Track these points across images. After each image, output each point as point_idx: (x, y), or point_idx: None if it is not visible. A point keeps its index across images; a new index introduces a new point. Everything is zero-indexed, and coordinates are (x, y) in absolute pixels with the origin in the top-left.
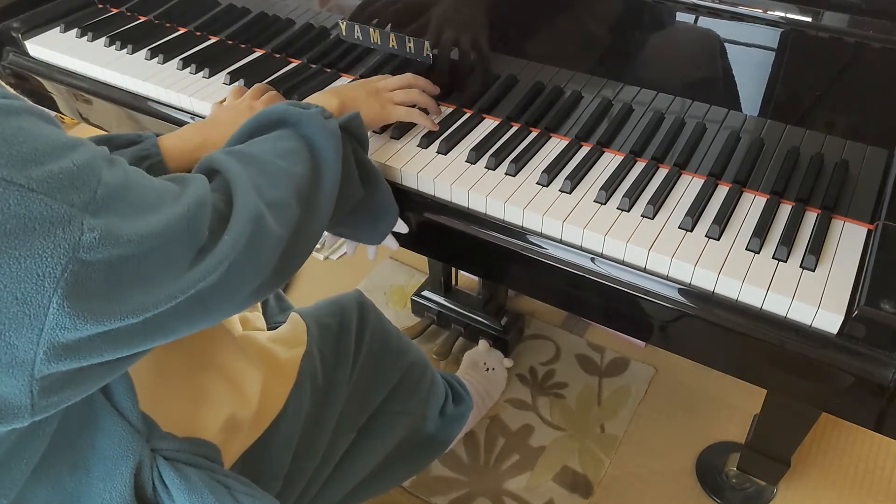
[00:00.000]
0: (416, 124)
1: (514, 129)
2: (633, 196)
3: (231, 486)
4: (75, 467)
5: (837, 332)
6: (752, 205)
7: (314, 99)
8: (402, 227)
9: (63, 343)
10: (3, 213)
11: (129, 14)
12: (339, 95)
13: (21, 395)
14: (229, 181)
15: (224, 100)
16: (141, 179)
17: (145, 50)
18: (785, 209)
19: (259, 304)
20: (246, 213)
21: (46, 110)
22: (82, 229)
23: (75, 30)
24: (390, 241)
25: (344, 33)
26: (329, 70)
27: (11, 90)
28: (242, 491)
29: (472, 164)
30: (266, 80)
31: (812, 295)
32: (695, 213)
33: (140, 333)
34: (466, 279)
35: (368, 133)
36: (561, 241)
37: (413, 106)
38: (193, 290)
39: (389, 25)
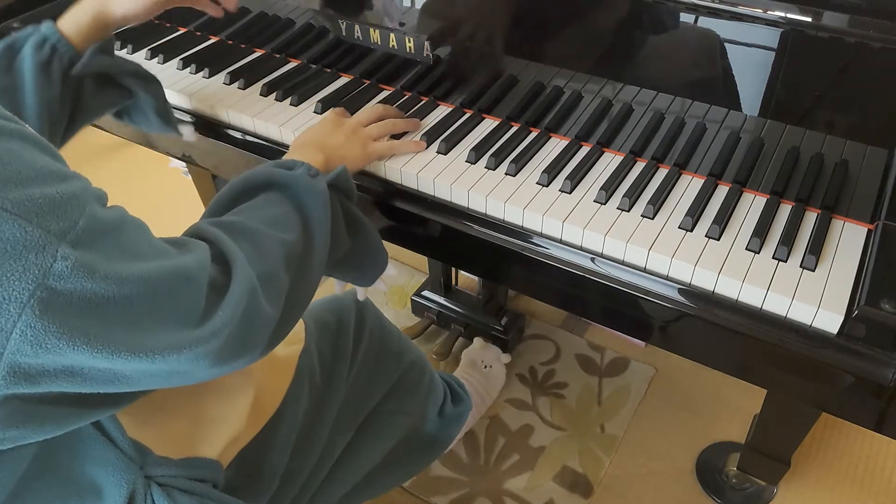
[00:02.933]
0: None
1: (514, 129)
2: (633, 196)
3: None
4: (67, 497)
5: (837, 332)
6: (752, 205)
7: (298, 154)
8: (390, 270)
9: (24, 368)
10: None
11: None
12: (321, 149)
13: None
14: (225, 256)
15: None
16: (137, 231)
17: (145, 50)
18: (785, 209)
19: None
20: (242, 286)
21: (46, 142)
22: (55, 256)
23: None
24: (380, 284)
25: (344, 33)
26: (329, 70)
27: (10, 114)
28: None
29: (472, 164)
30: (266, 80)
31: (812, 295)
32: (695, 213)
33: (105, 378)
34: (466, 279)
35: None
36: (561, 241)
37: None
38: (179, 353)
39: (390, 25)
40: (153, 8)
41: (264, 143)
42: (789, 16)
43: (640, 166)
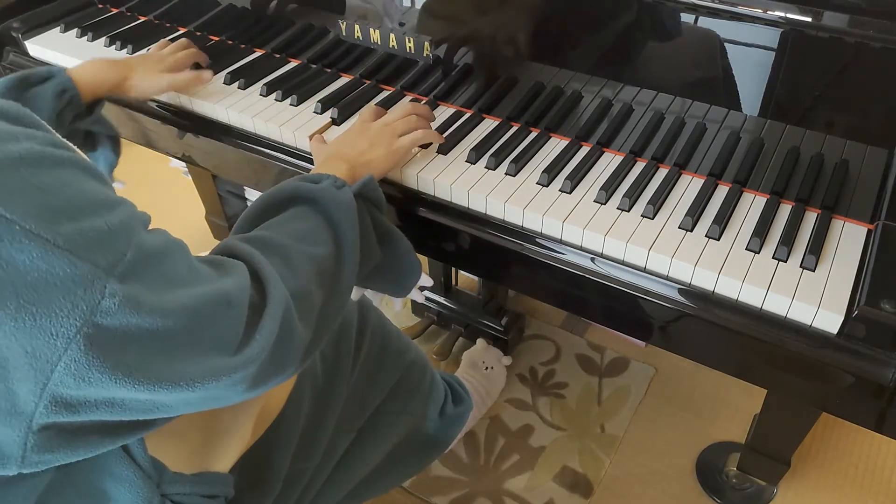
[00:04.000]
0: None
1: (514, 129)
2: (633, 196)
3: None
4: None
5: (837, 332)
6: (752, 205)
7: (322, 167)
8: (426, 280)
9: (65, 399)
10: (24, 266)
11: (129, 14)
12: (345, 159)
13: (14, 446)
14: (259, 273)
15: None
16: (178, 255)
17: (145, 50)
18: (785, 209)
19: None
20: (278, 309)
21: (93, 165)
22: (104, 293)
23: (75, 30)
24: (416, 294)
25: (344, 33)
26: (329, 70)
27: (63, 140)
28: None
29: (472, 164)
30: (266, 80)
31: (812, 295)
32: (695, 212)
33: (144, 407)
34: (466, 279)
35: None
36: (561, 241)
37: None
38: (219, 380)
39: (390, 25)
40: (160, 94)
41: (264, 143)
42: (789, 16)
43: (640, 166)
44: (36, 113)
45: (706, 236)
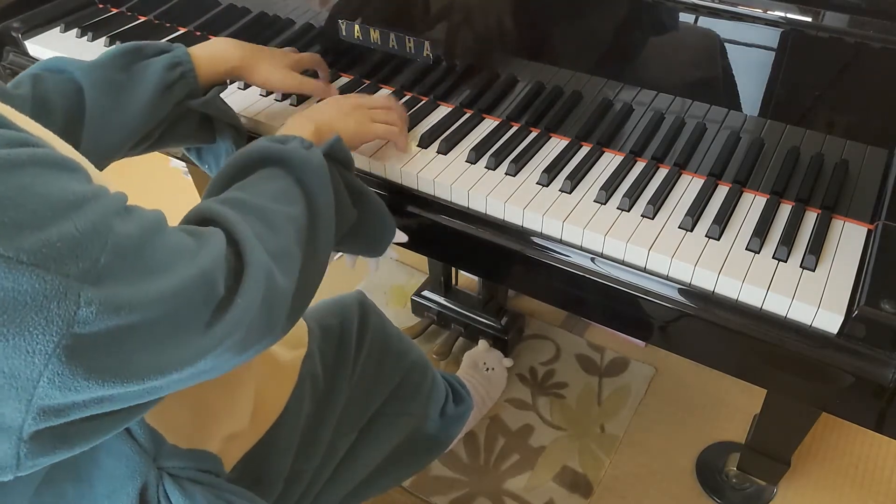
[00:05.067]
0: (414, 126)
1: (514, 129)
2: (633, 196)
3: (233, 502)
4: (78, 480)
5: (837, 332)
6: (752, 205)
7: (288, 128)
8: (401, 237)
9: (53, 407)
10: None
11: (129, 14)
12: (311, 120)
13: (7, 458)
14: (235, 236)
15: None
16: (155, 236)
17: None
18: (785, 209)
19: None
20: (258, 271)
21: (61, 156)
22: (79, 303)
23: (75, 30)
24: (390, 252)
25: (344, 33)
26: (329, 70)
27: (25, 134)
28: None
29: (472, 164)
30: None
31: (812, 295)
32: (695, 212)
33: (136, 396)
34: (466, 279)
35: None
36: (561, 241)
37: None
38: (206, 356)
39: (390, 25)
40: (284, 90)
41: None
42: (789, 16)
43: (640, 166)
44: (139, 86)
45: (706, 236)
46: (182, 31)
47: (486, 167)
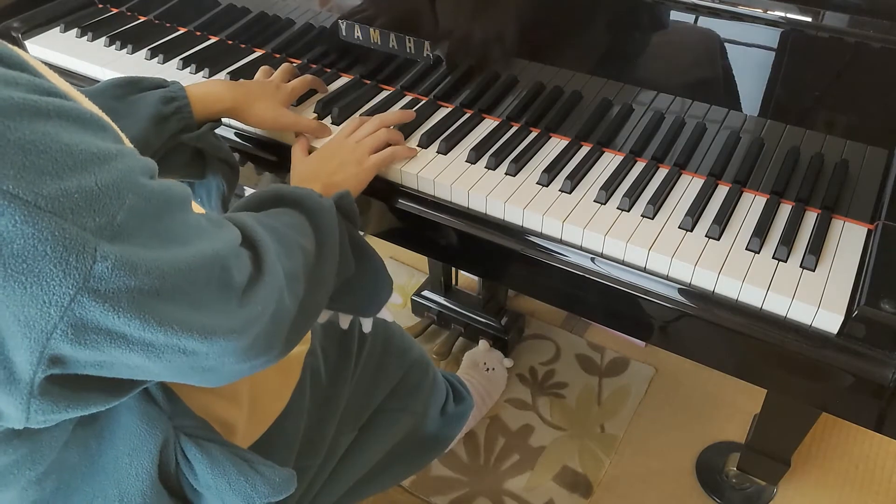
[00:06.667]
0: (414, 126)
1: (514, 129)
2: (633, 196)
3: (251, 460)
4: (101, 437)
5: (837, 332)
6: (752, 205)
7: (295, 185)
8: (387, 315)
9: (64, 361)
10: (7, 232)
11: (129, 14)
12: (317, 178)
13: (16, 411)
14: (258, 246)
15: None
16: (176, 208)
17: (145, 50)
18: (785, 209)
19: None
20: (275, 279)
21: (89, 111)
22: (95, 257)
23: (75, 30)
24: (385, 314)
25: (344, 33)
26: (329, 70)
27: (56, 78)
28: (263, 463)
29: (472, 164)
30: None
31: (812, 295)
32: (695, 212)
33: (133, 372)
34: (466, 279)
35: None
36: (561, 241)
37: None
38: (209, 341)
39: (390, 25)
40: (279, 129)
41: (264, 143)
42: (789, 16)
43: (640, 166)
44: (134, 115)
45: (706, 236)
46: (182, 31)
47: (486, 167)
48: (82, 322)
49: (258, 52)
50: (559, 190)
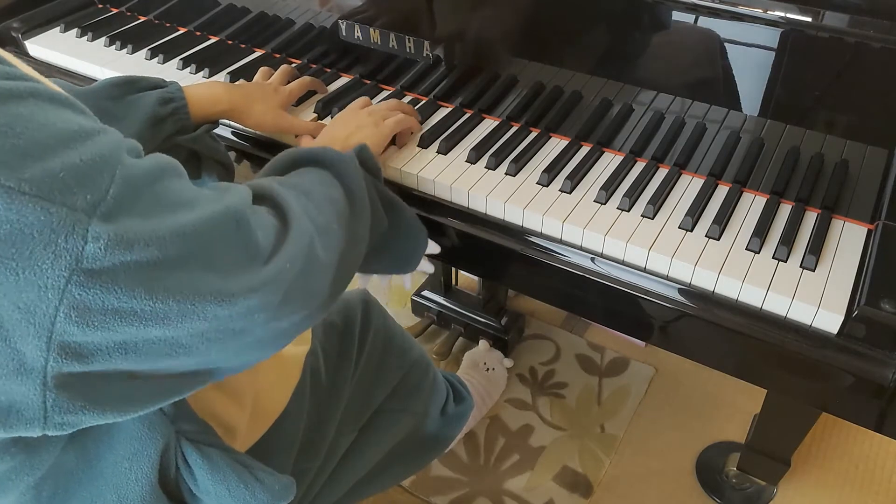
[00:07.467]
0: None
1: (514, 129)
2: (633, 196)
3: (251, 466)
4: (100, 441)
5: (837, 332)
6: (752, 205)
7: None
8: (433, 247)
9: (74, 347)
10: None
11: (129, 14)
12: (333, 142)
13: (33, 405)
14: (281, 203)
15: None
16: (172, 175)
17: (145, 50)
18: (785, 209)
19: None
20: (302, 236)
21: (65, 95)
22: (86, 238)
23: (75, 30)
24: (426, 265)
25: (344, 33)
26: (329, 70)
27: (29, 69)
28: (263, 470)
29: (472, 164)
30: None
31: (812, 295)
32: (695, 212)
33: (157, 352)
34: (466, 279)
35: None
36: (561, 241)
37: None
38: (230, 304)
39: (390, 25)
40: (277, 132)
41: (261, 142)
42: (789, 16)
43: (640, 166)
44: (130, 115)
45: (706, 236)
46: (182, 31)
47: (486, 167)
48: (83, 303)
49: (258, 52)
50: (559, 190)
